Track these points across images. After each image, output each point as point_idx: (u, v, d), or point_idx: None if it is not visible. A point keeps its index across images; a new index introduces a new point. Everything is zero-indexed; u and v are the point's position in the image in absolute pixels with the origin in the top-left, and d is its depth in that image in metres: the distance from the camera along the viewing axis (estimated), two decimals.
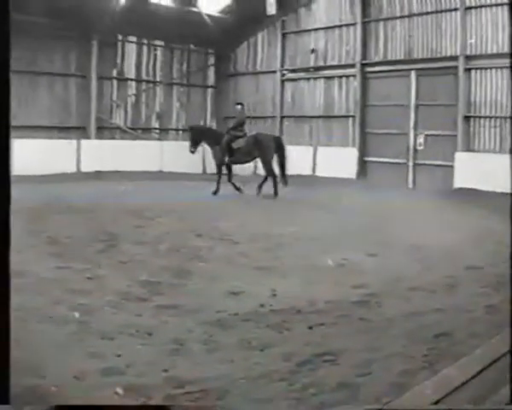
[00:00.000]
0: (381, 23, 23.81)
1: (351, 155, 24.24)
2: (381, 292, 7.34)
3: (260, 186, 18.81)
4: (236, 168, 19.88)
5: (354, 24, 24.59)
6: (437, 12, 21.70)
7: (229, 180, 19.04)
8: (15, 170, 13.74)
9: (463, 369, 4.12)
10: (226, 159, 19.10)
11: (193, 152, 19.80)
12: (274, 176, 18.79)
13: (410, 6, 22.55)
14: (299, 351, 5.39)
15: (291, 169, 24.38)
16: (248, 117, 28.35)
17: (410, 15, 22.54)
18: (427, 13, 22.00)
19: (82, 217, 13.36)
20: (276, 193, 18.40)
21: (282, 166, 19.15)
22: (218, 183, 18.76)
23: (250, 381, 4.77)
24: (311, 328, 6.04)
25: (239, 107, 20.30)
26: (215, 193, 18.51)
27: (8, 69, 3.20)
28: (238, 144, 19.01)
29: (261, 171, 20.18)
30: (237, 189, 18.80)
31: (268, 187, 18.47)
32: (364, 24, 24.24)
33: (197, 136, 19.71)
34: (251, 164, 21.57)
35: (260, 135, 20.17)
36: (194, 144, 19.61)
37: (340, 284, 7.82)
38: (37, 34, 24.17)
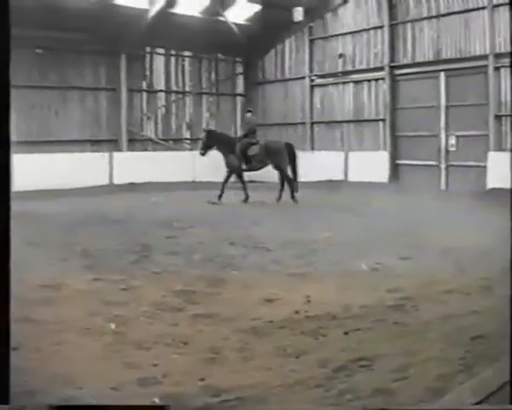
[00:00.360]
0: (409, 25, 23.66)
1: (382, 158, 24.13)
2: (415, 295, 7.30)
3: (280, 192, 19.16)
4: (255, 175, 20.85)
5: (381, 27, 24.49)
6: (465, 11, 21.51)
7: (243, 186, 19.41)
8: (49, 184, 13.97)
9: (501, 371, 4.09)
10: (243, 166, 19.40)
11: (203, 154, 19.99)
12: (290, 181, 19.13)
13: (437, 6, 22.38)
14: (335, 357, 5.38)
15: (323, 175, 24.45)
16: (278, 124, 28.54)
17: (438, 16, 22.38)
18: (455, 12, 21.82)
19: (115, 229, 13.47)
20: (293, 197, 18.76)
21: (295, 172, 19.40)
22: (245, 189, 19.26)
23: (286, 388, 4.78)
24: (346, 333, 6.03)
25: (249, 114, 20.87)
26: (219, 197, 18.84)
27: (8, 72, 3.25)
28: (253, 151, 19.28)
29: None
30: (246, 196, 19.06)
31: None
32: (392, 26, 24.13)
33: (212, 141, 19.78)
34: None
35: (272, 142, 20.49)
36: (206, 148, 19.76)
37: (374, 288, 7.79)
38: (67, 50, 24.55)
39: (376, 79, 24.97)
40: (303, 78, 27.77)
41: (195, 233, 12.80)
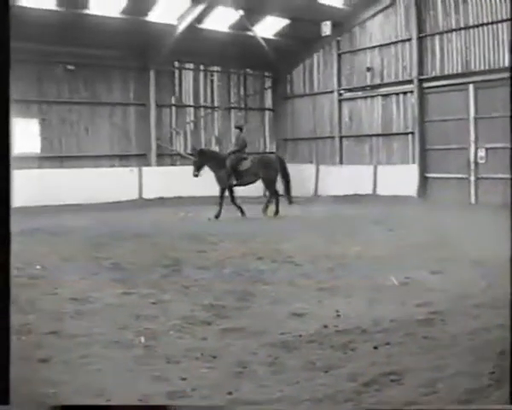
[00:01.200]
0: (437, 37, 23.61)
1: (411, 172, 24.04)
2: (445, 310, 7.25)
3: (267, 206, 19.47)
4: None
5: (410, 39, 24.47)
6: (493, 23, 21.41)
7: (233, 201, 19.23)
8: (79, 199, 14.07)
9: None
10: (234, 182, 19.29)
11: (197, 176, 19.41)
12: (277, 195, 19.48)
13: (466, 18, 22.30)
14: (365, 371, 5.36)
15: (352, 188, 24.41)
16: (307, 138, 28.57)
17: (467, 27, 22.28)
18: (484, 24, 21.72)
19: (145, 243, 13.57)
20: (277, 211, 19.13)
21: (288, 184, 19.71)
22: (221, 205, 18.88)
23: (315, 402, 4.77)
24: (376, 348, 6.00)
25: (238, 131, 20.48)
26: (217, 217, 18.58)
27: (8, 87, 3.30)
28: (244, 166, 19.30)
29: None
30: (241, 211, 19.00)
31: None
32: (420, 39, 24.09)
33: (203, 160, 19.41)
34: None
35: (264, 156, 21.22)
36: (199, 168, 19.31)
37: (404, 302, 7.75)
38: (97, 66, 24.86)
39: (405, 92, 24.93)
40: (331, 92, 27.82)
41: (225, 247, 12.83)
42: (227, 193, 19.24)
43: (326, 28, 26.16)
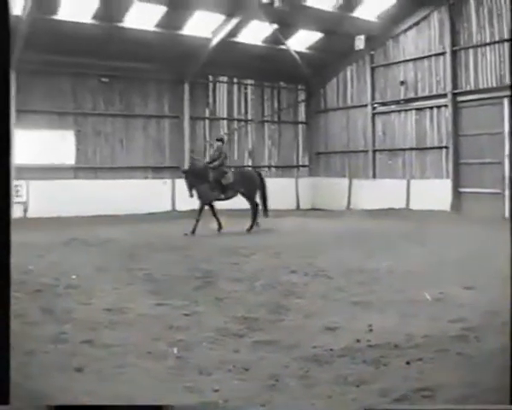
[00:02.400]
0: (471, 50, 23.47)
1: (444, 186, 23.88)
2: (479, 326, 7.20)
3: (255, 220, 19.21)
4: None
5: (443, 53, 24.37)
6: None
7: (215, 215, 18.89)
8: (113, 210, 14.27)
9: None
10: (220, 196, 19.02)
11: (192, 196, 18.85)
12: (257, 209, 19.39)
13: (500, 31, 22.14)
14: (397, 387, 5.35)
15: (385, 203, 24.32)
16: (340, 152, 28.55)
17: (501, 41, 22.11)
18: None
19: (178, 254, 13.69)
20: (252, 226, 18.95)
21: (265, 199, 19.56)
22: (199, 221, 18.26)
23: None
24: (408, 363, 5.97)
25: (219, 143, 19.75)
26: (193, 232, 17.85)
27: (9, 76, 3.37)
28: (227, 180, 18.93)
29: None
30: (219, 225, 18.65)
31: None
32: (454, 52, 23.96)
33: (191, 178, 18.81)
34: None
35: (244, 170, 21.18)
36: (191, 189, 18.71)
37: (437, 318, 7.70)
38: (132, 79, 25.15)
39: (439, 106, 24.81)
40: (365, 105, 27.78)
41: (257, 260, 12.87)
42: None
43: (359, 42, 26.17)
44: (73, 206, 21.67)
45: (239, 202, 19.59)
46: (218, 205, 19.24)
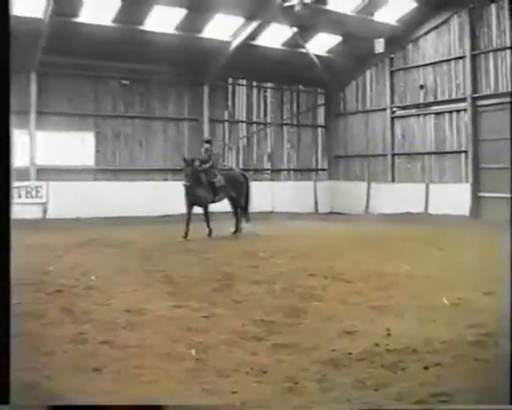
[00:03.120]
0: (491, 54, 23.37)
1: (464, 191, 23.77)
2: (497, 332, 7.17)
3: (239, 222, 18.95)
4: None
5: (463, 57, 24.29)
6: None
7: (207, 219, 18.05)
8: (132, 211, 14.28)
9: None
10: (213, 198, 18.39)
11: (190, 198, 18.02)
12: (244, 212, 19.15)
13: None
14: (414, 391, 5.35)
15: (403, 207, 24.24)
16: (359, 156, 28.50)
17: None
18: None
19: (197, 257, 13.72)
20: (237, 230, 18.74)
21: (247, 202, 19.20)
22: (209, 222, 17.85)
23: None
24: (426, 368, 5.96)
25: (207, 145, 19.00)
26: (185, 236, 17.14)
27: (9, 76, 3.40)
28: (219, 183, 18.38)
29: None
30: (210, 230, 17.80)
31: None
32: (474, 56, 23.89)
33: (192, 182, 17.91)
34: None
35: (232, 172, 20.58)
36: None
37: (455, 323, 7.68)
38: (151, 81, 25.27)
39: (458, 111, 24.73)
40: (384, 109, 27.74)
41: (276, 263, 12.87)
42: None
43: (379, 45, 26.11)
44: (93, 207, 21.79)
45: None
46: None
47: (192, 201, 17.86)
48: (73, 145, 24.06)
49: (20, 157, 22.38)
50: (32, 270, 11.10)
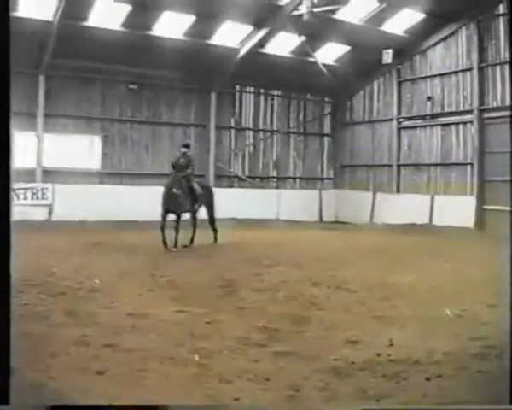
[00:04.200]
0: (499, 67, 23.36)
1: (469, 203, 23.74)
2: (500, 344, 7.16)
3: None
4: None
5: (471, 69, 24.29)
6: None
7: (178, 229, 16.78)
8: (138, 216, 14.25)
9: None
10: (192, 207, 17.46)
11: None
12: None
13: None
14: (416, 402, 5.36)
15: (408, 218, 24.21)
16: (365, 165, 28.49)
17: None
18: None
19: (202, 263, 13.74)
20: (216, 239, 17.91)
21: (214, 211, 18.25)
22: (178, 232, 16.64)
23: None
24: (428, 379, 5.96)
25: (184, 149, 17.82)
26: (175, 245, 16.27)
27: (9, 78, 3.43)
28: (198, 190, 17.53)
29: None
30: (192, 239, 17.23)
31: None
32: (481, 69, 23.89)
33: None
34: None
35: (205, 182, 20.00)
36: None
37: (458, 335, 7.68)
38: (159, 86, 25.34)
39: (465, 123, 24.72)
40: (391, 120, 27.76)
41: (280, 271, 12.88)
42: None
43: (387, 56, 26.14)
44: (98, 210, 21.82)
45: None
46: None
47: (172, 208, 16.78)
48: (80, 148, 24.15)
49: (27, 159, 22.47)
50: (37, 271, 11.15)
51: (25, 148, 22.38)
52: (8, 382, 3.44)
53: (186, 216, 17.42)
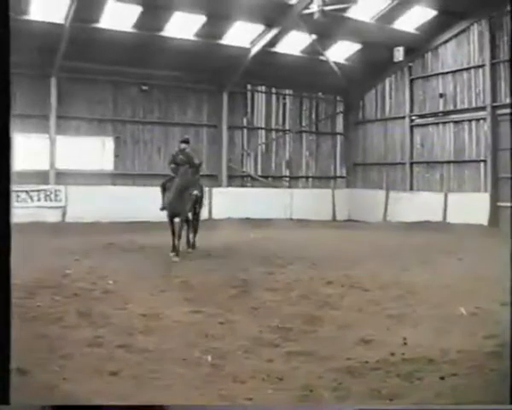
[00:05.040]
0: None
1: (482, 200, 23.61)
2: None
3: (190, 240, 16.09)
4: None
5: (483, 66, 24.18)
6: None
7: (180, 235, 15.15)
8: (152, 217, 14.17)
9: None
10: (191, 209, 15.86)
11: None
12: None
13: None
14: (430, 401, 5.33)
15: (421, 215, 24.11)
16: (378, 164, 28.41)
17: None
18: None
19: (215, 263, 13.72)
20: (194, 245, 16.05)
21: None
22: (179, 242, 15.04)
23: None
24: (442, 378, 5.92)
25: (183, 145, 15.93)
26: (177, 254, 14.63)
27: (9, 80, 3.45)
28: (199, 192, 16.00)
29: None
30: (190, 244, 15.95)
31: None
32: (493, 65, 23.77)
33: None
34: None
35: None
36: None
37: (472, 333, 7.64)
38: (171, 87, 25.38)
39: (477, 119, 24.58)
40: (403, 117, 27.67)
41: (293, 270, 12.87)
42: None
43: (398, 54, 26.09)
44: (111, 212, 21.89)
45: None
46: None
47: (179, 210, 15.15)
48: (93, 150, 24.23)
49: (40, 161, 22.57)
50: (51, 273, 11.19)
51: (38, 150, 22.48)
52: (9, 382, 3.44)
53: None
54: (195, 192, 15.47)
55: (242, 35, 24.27)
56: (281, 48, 25.50)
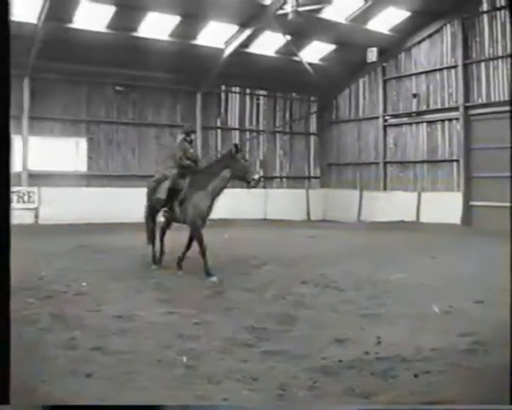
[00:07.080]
0: (483, 64, 23.44)
1: (455, 199, 23.81)
2: (488, 340, 7.18)
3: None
4: None
5: (455, 66, 24.37)
6: None
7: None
8: (127, 218, 14.15)
9: None
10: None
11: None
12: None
13: None
14: (404, 399, 5.37)
15: (395, 215, 24.26)
16: (351, 164, 28.54)
17: None
18: None
19: (189, 263, 13.66)
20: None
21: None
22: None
23: None
24: (416, 376, 5.97)
25: (193, 136, 14.75)
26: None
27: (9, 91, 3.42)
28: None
29: None
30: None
31: None
32: (466, 66, 23.96)
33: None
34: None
35: None
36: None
37: (446, 331, 7.70)
38: (145, 88, 25.27)
39: (450, 119, 24.77)
40: (376, 117, 27.83)
41: (269, 270, 12.87)
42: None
43: (372, 54, 26.24)
44: (85, 213, 21.76)
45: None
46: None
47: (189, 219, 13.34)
48: (66, 151, 24.05)
49: (12, 162, 22.35)
50: (27, 275, 11.08)
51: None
52: (9, 382, 3.43)
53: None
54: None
55: (216, 35, 24.21)
56: (255, 48, 25.49)
